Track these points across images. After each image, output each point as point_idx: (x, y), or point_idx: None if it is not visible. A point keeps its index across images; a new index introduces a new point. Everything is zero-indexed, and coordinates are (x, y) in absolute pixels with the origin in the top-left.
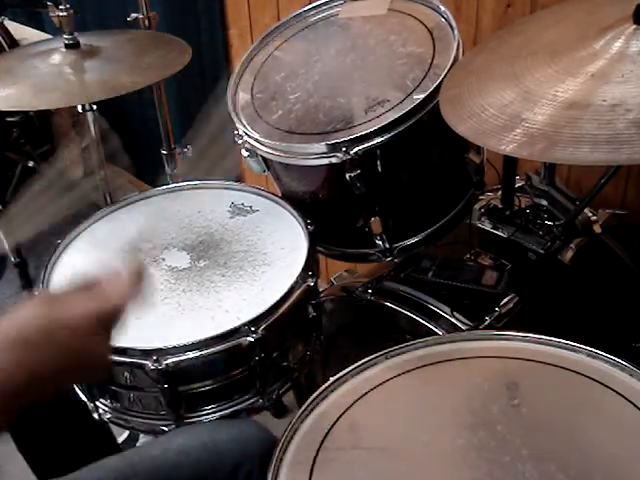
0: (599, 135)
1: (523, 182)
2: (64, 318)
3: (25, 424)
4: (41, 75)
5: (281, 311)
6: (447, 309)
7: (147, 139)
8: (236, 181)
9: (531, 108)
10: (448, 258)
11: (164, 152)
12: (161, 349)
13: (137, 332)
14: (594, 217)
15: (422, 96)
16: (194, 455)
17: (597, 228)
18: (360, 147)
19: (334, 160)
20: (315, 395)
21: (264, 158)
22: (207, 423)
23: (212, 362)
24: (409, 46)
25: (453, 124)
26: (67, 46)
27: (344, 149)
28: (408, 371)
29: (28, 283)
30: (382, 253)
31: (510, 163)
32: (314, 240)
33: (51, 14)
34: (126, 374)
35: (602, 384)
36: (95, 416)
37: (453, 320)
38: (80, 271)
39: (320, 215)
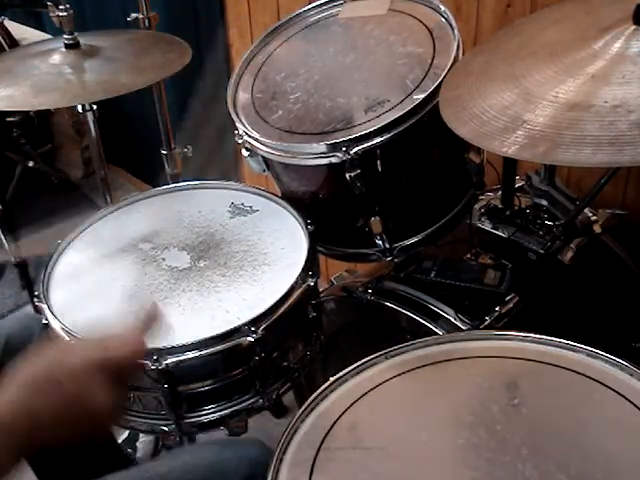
0: (601, 136)
1: (523, 182)
2: (66, 362)
3: None
4: (41, 75)
5: (281, 311)
6: (449, 309)
7: (147, 139)
8: (236, 181)
9: (532, 110)
10: (449, 258)
11: (164, 152)
12: (161, 349)
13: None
14: (594, 217)
15: (422, 96)
16: (200, 474)
17: (597, 228)
18: (360, 147)
19: (334, 160)
20: (315, 395)
21: (264, 158)
22: (213, 442)
23: (212, 362)
24: (409, 46)
25: (454, 126)
26: (67, 46)
27: (344, 149)
28: (408, 371)
29: (28, 283)
30: (382, 253)
31: (510, 163)
32: (314, 240)
33: (51, 14)
34: None
35: (602, 384)
36: None
37: (454, 320)
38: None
39: (320, 215)
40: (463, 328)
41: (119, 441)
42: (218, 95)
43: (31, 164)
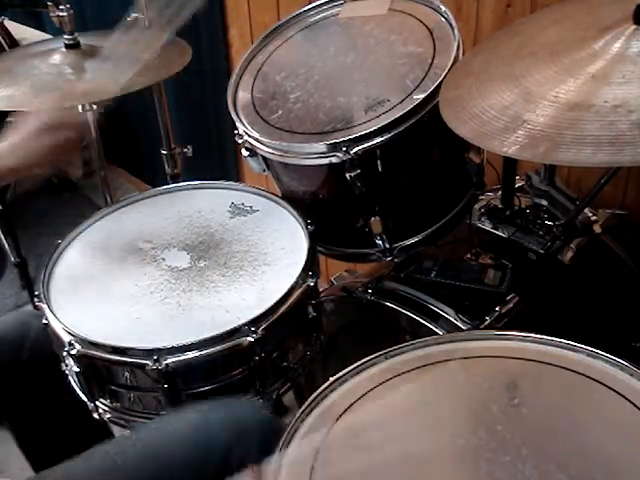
0: (602, 136)
1: (523, 182)
2: (41, 118)
3: (27, 424)
4: (41, 75)
5: (281, 311)
6: (449, 309)
7: (147, 139)
8: (236, 181)
9: (532, 109)
10: (450, 258)
11: (164, 152)
12: (161, 349)
13: (137, 332)
14: (594, 217)
15: (422, 96)
16: (185, 439)
17: (597, 228)
18: (360, 147)
19: (334, 160)
20: (315, 395)
21: (264, 158)
22: (200, 405)
23: (212, 362)
24: (409, 46)
25: (454, 126)
26: (67, 46)
27: (344, 149)
28: (408, 371)
29: (28, 283)
30: (382, 253)
31: (510, 163)
32: (314, 240)
33: (51, 14)
34: (126, 374)
35: (602, 384)
36: (95, 416)
37: (454, 320)
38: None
39: (320, 215)
40: (463, 328)
41: None
42: (218, 95)
43: None
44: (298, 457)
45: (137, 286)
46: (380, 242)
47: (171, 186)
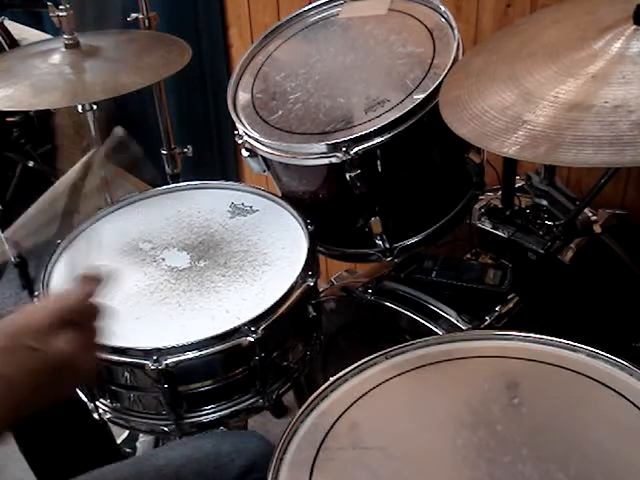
0: (602, 137)
1: (523, 182)
2: (32, 324)
3: (26, 424)
4: (41, 75)
5: (281, 311)
6: (449, 309)
7: (147, 139)
8: (236, 181)
9: (533, 110)
10: (450, 258)
11: (164, 152)
12: (161, 349)
13: (137, 332)
14: (594, 217)
15: (422, 96)
16: (197, 467)
17: (597, 228)
18: (360, 147)
19: (334, 160)
20: (315, 395)
21: (264, 158)
22: (211, 434)
23: (212, 362)
24: (409, 46)
25: (454, 127)
26: (67, 46)
27: (344, 149)
28: (408, 371)
29: (28, 283)
30: (382, 253)
31: (510, 163)
32: (314, 240)
33: (51, 14)
34: (126, 374)
35: (602, 384)
36: (95, 416)
37: (455, 320)
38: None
39: (320, 215)
40: (463, 328)
41: (118, 441)
42: (218, 95)
43: (31, 164)
44: (298, 457)
45: (137, 286)
46: (380, 242)
47: (171, 186)
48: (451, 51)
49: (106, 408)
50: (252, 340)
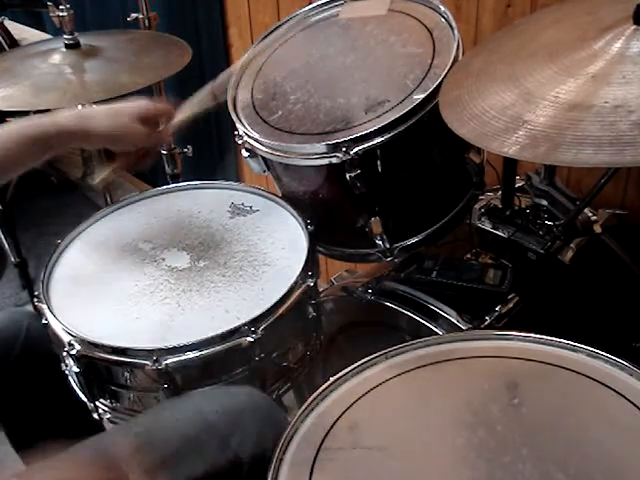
0: (602, 137)
1: (523, 182)
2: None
3: (24, 425)
4: (41, 75)
5: (281, 311)
6: (449, 309)
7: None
8: (236, 181)
9: (533, 110)
10: (450, 258)
11: (164, 152)
12: (161, 349)
13: (137, 332)
14: (594, 217)
15: (422, 96)
16: (182, 427)
17: (597, 228)
18: (360, 147)
19: (334, 160)
20: (315, 395)
21: (264, 158)
22: (198, 392)
23: (212, 362)
24: (409, 46)
25: (454, 127)
26: (67, 46)
27: (344, 149)
28: (408, 371)
29: (28, 283)
30: (382, 253)
31: (510, 163)
32: (314, 240)
33: (51, 14)
34: (126, 374)
35: (602, 384)
36: (95, 416)
37: (455, 320)
38: None
39: (320, 215)
40: (463, 328)
41: None
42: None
43: None
44: (298, 457)
45: (137, 286)
46: (380, 242)
47: (171, 186)
48: (451, 51)
49: (106, 408)
50: (252, 340)
